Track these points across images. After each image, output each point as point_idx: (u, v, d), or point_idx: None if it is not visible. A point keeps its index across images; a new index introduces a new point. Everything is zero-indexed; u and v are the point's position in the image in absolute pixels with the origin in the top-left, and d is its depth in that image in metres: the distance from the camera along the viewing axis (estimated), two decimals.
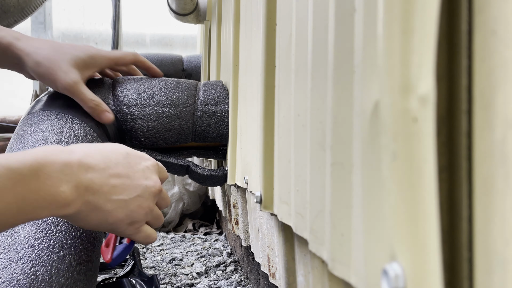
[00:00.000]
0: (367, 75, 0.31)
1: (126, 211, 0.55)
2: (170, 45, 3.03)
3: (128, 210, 0.55)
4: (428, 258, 0.24)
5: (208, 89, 0.96)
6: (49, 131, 0.73)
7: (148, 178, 0.58)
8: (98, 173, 0.53)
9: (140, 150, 0.90)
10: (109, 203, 0.53)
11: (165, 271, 1.26)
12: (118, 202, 0.54)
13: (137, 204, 0.56)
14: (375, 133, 0.30)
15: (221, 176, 0.94)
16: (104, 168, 0.53)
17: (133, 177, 0.56)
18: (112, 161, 0.55)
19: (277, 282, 0.65)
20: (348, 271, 0.35)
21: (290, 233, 0.58)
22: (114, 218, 0.54)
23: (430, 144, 0.24)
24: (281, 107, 0.55)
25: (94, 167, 0.52)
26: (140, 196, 0.56)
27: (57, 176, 0.48)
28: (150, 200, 0.58)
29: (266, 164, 0.59)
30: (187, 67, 1.81)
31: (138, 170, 0.57)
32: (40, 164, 0.47)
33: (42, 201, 0.46)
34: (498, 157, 0.22)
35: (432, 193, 0.24)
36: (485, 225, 0.23)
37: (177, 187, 1.82)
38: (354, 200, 0.34)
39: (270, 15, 0.60)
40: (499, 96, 0.22)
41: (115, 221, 0.55)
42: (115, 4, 1.97)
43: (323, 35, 0.41)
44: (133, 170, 0.57)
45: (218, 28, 1.27)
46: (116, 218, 0.55)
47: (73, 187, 0.49)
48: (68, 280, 0.57)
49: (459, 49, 0.25)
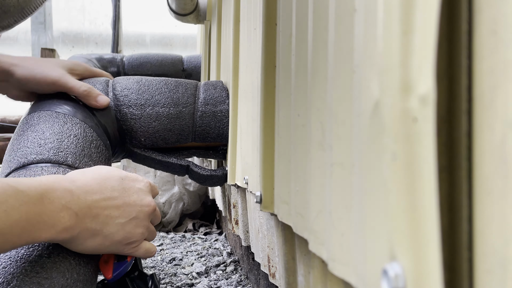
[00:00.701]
0: (367, 75, 0.31)
1: (123, 233, 0.59)
2: (170, 45, 3.03)
3: (126, 232, 0.59)
4: (428, 258, 0.24)
5: (208, 89, 0.96)
6: (49, 131, 0.73)
7: (143, 200, 0.62)
8: (96, 199, 0.56)
9: (141, 150, 0.90)
10: (107, 227, 0.57)
11: (165, 271, 1.26)
12: (116, 226, 0.58)
13: (133, 225, 0.60)
14: (375, 133, 0.30)
15: (221, 176, 0.94)
16: (101, 194, 0.57)
17: (128, 200, 0.60)
18: (108, 188, 0.58)
19: (277, 282, 0.65)
20: (348, 271, 0.35)
21: (290, 233, 0.58)
22: (111, 241, 0.58)
23: (430, 144, 0.24)
24: (281, 107, 0.55)
25: (92, 194, 0.56)
26: (136, 218, 0.60)
27: (59, 202, 0.51)
28: (145, 220, 0.62)
29: (266, 164, 0.59)
30: (187, 67, 1.81)
31: (133, 193, 0.61)
32: (44, 190, 0.50)
33: (44, 224, 0.49)
34: (498, 157, 0.22)
35: (432, 193, 0.24)
36: (485, 225, 0.23)
37: (177, 187, 1.82)
38: (354, 200, 0.34)
39: (270, 15, 0.60)
40: (499, 96, 0.22)
41: (112, 243, 0.58)
42: (115, 4, 1.97)
43: (323, 35, 0.41)
44: (128, 193, 0.60)
45: (218, 28, 1.27)
46: (113, 241, 0.58)
47: (72, 213, 0.52)
48: (68, 280, 0.57)
49: (459, 49, 0.25)
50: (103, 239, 0.57)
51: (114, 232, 0.58)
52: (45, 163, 0.68)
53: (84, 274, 0.59)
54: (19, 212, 0.47)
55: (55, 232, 0.51)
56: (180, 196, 1.81)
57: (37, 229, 0.49)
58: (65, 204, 0.52)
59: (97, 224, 0.56)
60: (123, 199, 0.59)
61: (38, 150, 0.69)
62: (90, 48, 2.84)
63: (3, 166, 0.71)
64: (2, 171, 0.70)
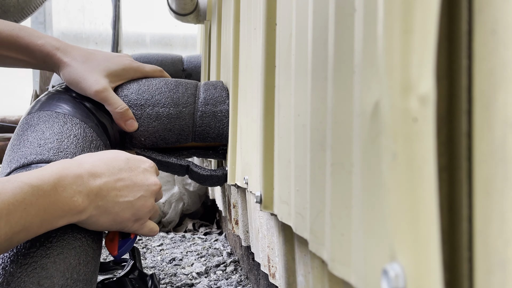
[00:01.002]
0: (367, 75, 0.31)
1: (132, 211, 0.62)
2: (170, 45, 3.03)
3: (134, 209, 0.62)
4: (428, 258, 0.24)
5: (208, 89, 0.96)
6: (49, 131, 0.73)
7: (149, 179, 0.64)
8: (105, 180, 0.59)
9: (141, 150, 0.90)
10: (117, 206, 0.60)
11: (165, 271, 1.26)
12: (125, 204, 0.61)
13: (141, 203, 0.63)
14: (375, 133, 0.30)
15: (221, 176, 0.94)
16: (110, 175, 0.60)
17: (135, 179, 0.63)
18: (116, 168, 0.61)
19: (277, 282, 0.65)
20: (348, 271, 0.35)
21: (290, 233, 0.58)
22: (122, 218, 0.61)
23: (430, 144, 0.24)
24: (281, 107, 0.55)
25: (101, 175, 0.59)
26: (143, 196, 0.63)
27: (71, 188, 0.54)
28: (151, 198, 0.65)
29: (266, 164, 0.59)
30: (187, 67, 1.81)
31: (139, 172, 0.64)
32: (56, 179, 0.53)
33: (60, 211, 0.53)
34: (498, 157, 0.22)
35: (432, 193, 0.24)
36: (485, 225, 0.23)
37: (177, 187, 1.82)
38: (354, 200, 0.34)
39: (270, 15, 0.60)
40: (499, 96, 0.22)
41: (123, 220, 0.62)
42: (115, 4, 1.97)
43: (323, 35, 0.41)
44: (135, 173, 0.63)
45: (218, 28, 1.27)
46: (124, 218, 0.61)
47: (85, 195, 0.56)
48: (68, 280, 0.57)
49: (459, 49, 0.25)
50: (115, 216, 0.60)
51: (125, 209, 0.61)
52: (45, 163, 0.68)
53: (84, 274, 0.59)
54: (37, 205, 0.50)
55: (71, 216, 0.55)
56: (180, 196, 1.81)
57: (55, 216, 0.52)
58: (76, 188, 0.55)
59: (108, 203, 0.59)
60: (130, 179, 0.62)
61: (38, 150, 0.69)
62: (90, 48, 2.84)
63: (3, 166, 0.71)
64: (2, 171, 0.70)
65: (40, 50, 0.79)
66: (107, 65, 0.85)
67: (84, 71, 0.81)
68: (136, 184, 0.62)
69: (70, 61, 0.81)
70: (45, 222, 0.51)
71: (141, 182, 0.63)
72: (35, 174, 0.53)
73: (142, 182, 0.63)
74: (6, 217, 0.47)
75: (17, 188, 0.49)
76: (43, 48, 0.79)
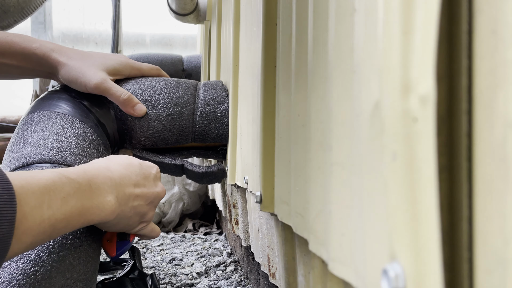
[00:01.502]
0: (367, 75, 0.31)
1: (142, 215, 0.64)
2: (170, 45, 3.03)
3: (142, 213, 0.64)
4: (428, 258, 0.24)
5: (208, 89, 0.96)
6: (49, 131, 0.73)
7: (158, 186, 0.66)
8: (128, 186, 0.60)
9: (135, 150, 0.90)
10: (132, 210, 0.61)
11: (165, 271, 1.26)
12: (141, 208, 0.63)
13: (148, 208, 0.65)
14: (375, 133, 0.30)
15: (217, 172, 0.94)
16: (129, 180, 0.61)
17: (148, 185, 0.64)
18: (134, 174, 0.62)
19: (277, 282, 0.65)
20: (348, 271, 0.35)
21: (290, 233, 0.58)
22: (133, 221, 0.63)
23: (430, 144, 0.24)
24: (281, 107, 0.55)
25: (125, 180, 0.60)
26: (152, 202, 0.65)
27: (103, 188, 0.55)
28: (157, 204, 0.67)
29: (266, 164, 0.59)
30: (187, 67, 1.81)
31: (151, 179, 0.65)
32: (90, 177, 0.54)
33: (96, 208, 0.53)
34: (498, 157, 0.22)
35: (432, 193, 0.24)
36: (485, 225, 0.23)
37: (177, 187, 1.82)
38: (354, 200, 0.34)
39: (270, 15, 0.60)
40: (499, 96, 0.22)
41: (134, 223, 0.63)
42: (115, 4, 1.97)
43: (323, 35, 0.41)
44: (148, 179, 0.65)
45: (218, 28, 1.27)
46: (135, 221, 0.63)
47: (115, 197, 0.57)
48: (68, 280, 0.57)
49: (459, 49, 0.25)
50: (128, 221, 0.62)
51: (138, 213, 0.62)
52: (45, 163, 0.68)
53: (84, 274, 0.59)
54: (74, 197, 0.50)
55: (104, 215, 0.55)
56: (180, 196, 1.81)
57: (91, 213, 0.52)
58: (107, 189, 0.56)
59: (127, 208, 0.60)
60: (145, 185, 0.64)
61: (37, 150, 0.69)
62: (90, 48, 2.84)
63: (3, 166, 0.71)
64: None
65: (35, 52, 0.78)
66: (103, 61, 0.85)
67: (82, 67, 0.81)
68: (149, 191, 0.64)
69: (66, 60, 0.81)
70: (82, 216, 0.51)
71: (153, 190, 0.65)
72: (70, 169, 0.53)
73: (154, 190, 0.65)
74: (48, 202, 0.46)
75: (55, 176, 0.48)
76: (38, 51, 0.79)
